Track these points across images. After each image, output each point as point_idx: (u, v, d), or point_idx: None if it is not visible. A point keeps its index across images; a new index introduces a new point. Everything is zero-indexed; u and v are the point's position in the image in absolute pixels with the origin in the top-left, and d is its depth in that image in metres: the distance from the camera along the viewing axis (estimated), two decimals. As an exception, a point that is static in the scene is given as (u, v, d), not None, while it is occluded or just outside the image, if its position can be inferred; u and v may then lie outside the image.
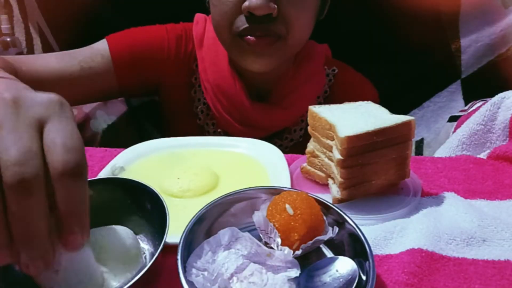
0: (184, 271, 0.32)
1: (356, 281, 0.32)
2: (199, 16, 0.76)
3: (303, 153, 0.53)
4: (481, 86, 0.88)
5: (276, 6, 0.56)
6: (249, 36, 0.59)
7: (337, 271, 0.33)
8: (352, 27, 0.94)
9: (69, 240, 0.27)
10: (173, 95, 0.77)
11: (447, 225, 0.42)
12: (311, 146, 0.51)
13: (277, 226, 0.36)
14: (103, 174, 0.50)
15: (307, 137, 0.52)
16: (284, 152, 0.55)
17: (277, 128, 0.74)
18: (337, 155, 0.44)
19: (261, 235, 0.38)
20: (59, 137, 0.27)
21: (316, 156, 0.50)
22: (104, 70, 0.70)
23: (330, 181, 0.48)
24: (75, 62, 0.68)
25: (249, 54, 0.62)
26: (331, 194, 0.47)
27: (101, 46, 0.71)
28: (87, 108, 0.82)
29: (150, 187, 0.40)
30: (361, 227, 0.36)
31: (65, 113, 0.28)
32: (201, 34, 0.73)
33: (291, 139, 0.75)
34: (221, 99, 0.71)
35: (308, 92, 0.73)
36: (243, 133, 0.71)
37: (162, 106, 0.80)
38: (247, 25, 0.58)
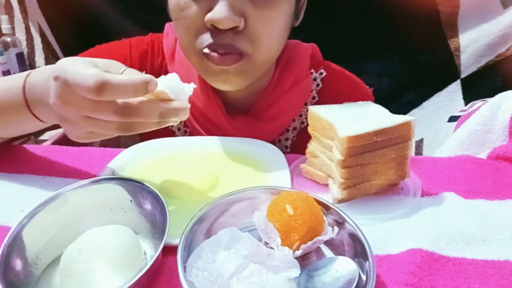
0: (184, 271, 0.32)
1: (356, 281, 0.32)
2: (169, 26, 0.69)
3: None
4: (480, 86, 0.88)
5: (241, 20, 0.50)
6: (213, 54, 0.53)
7: (337, 271, 0.34)
8: (351, 27, 0.94)
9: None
10: None
11: (447, 225, 0.42)
12: (311, 146, 0.51)
13: (277, 226, 0.36)
14: (103, 174, 0.50)
15: (295, 148, 0.51)
16: None
17: None
18: (337, 155, 0.44)
19: (261, 235, 0.38)
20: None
21: (316, 156, 0.50)
22: None
23: (330, 181, 0.48)
24: None
25: (215, 74, 0.56)
26: (331, 194, 0.47)
27: None
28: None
29: (150, 187, 0.40)
30: (361, 227, 0.36)
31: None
32: (172, 47, 0.67)
33: None
34: (197, 117, 0.66)
35: (292, 102, 0.67)
36: None
37: (143, 133, 0.76)
38: (211, 41, 0.52)
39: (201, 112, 0.66)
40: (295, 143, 0.70)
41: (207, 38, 0.53)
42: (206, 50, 0.53)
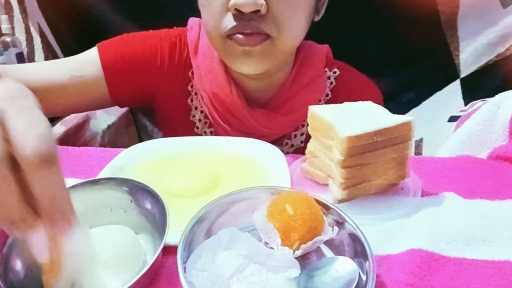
0: (184, 272, 0.32)
1: (356, 281, 0.32)
2: (193, 21, 0.73)
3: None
4: (480, 86, 0.88)
5: (264, 3, 0.53)
6: (237, 35, 0.56)
7: (337, 271, 0.33)
8: (351, 27, 0.94)
9: (57, 228, 0.27)
10: (169, 104, 0.74)
11: (447, 225, 0.42)
12: (311, 146, 0.51)
13: (277, 226, 0.36)
14: (103, 174, 0.50)
15: (308, 141, 0.52)
16: None
17: (278, 135, 0.72)
18: (337, 155, 0.44)
19: (261, 235, 0.38)
20: (25, 125, 0.25)
21: (316, 156, 0.50)
22: (95, 79, 0.68)
23: (330, 181, 0.48)
24: (65, 71, 0.66)
25: (239, 55, 0.58)
26: (331, 194, 0.47)
27: (92, 54, 0.69)
28: (87, 108, 0.81)
29: (150, 187, 0.40)
30: (361, 227, 0.36)
31: (28, 102, 0.27)
32: (195, 40, 0.70)
33: (292, 144, 0.74)
34: (218, 108, 0.69)
35: (308, 97, 0.70)
36: None
37: (158, 115, 0.78)
38: (234, 23, 0.55)
39: (222, 103, 0.68)
40: (309, 138, 0.72)
41: (231, 22, 0.55)
42: (230, 32, 0.56)
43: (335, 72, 0.75)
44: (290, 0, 0.55)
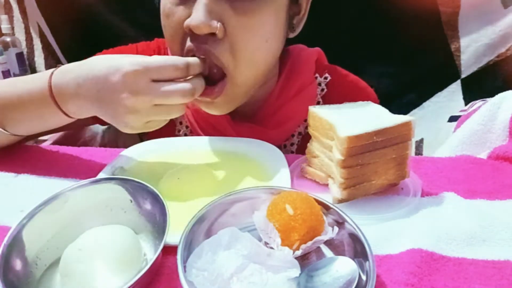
0: (184, 271, 0.32)
1: (356, 281, 0.32)
2: (158, 42, 0.70)
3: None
4: (481, 86, 0.88)
5: (219, 25, 0.48)
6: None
7: (337, 271, 0.34)
8: (351, 27, 0.94)
9: None
10: None
11: (447, 225, 0.42)
12: (311, 146, 0.51)
13: (277, 226, 0.36)
14: (103, 174, 0.50)
15: (300, 152, 0.51)
16: None
17: None
18: (337, 155, 0.44)
19: (261, 235, 0.38)
20: None
21: (316, 156, 0.50)
22: None
23: (330, 181, 0.48)
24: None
25: (200, 103, 0.57)
26: (331, 194, 0.47)
27: None
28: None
29: (150, 187, 0.40)
30: (361, 227, 0.36)
31: None
32: None
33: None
34: (202, 125, 0.66)
35: (298, 108, 0.65)
36: None
37: (142, 133, 0.73)
38: (190, 44, 0.51)
39: (206, 120, 0.65)
40: (300, 147, 0.70)
41: (189, 44, 0.52)
42: (187, 54, 0.52)
43: (326, 78, 0.70)
44: (248, 22, 0.50)
